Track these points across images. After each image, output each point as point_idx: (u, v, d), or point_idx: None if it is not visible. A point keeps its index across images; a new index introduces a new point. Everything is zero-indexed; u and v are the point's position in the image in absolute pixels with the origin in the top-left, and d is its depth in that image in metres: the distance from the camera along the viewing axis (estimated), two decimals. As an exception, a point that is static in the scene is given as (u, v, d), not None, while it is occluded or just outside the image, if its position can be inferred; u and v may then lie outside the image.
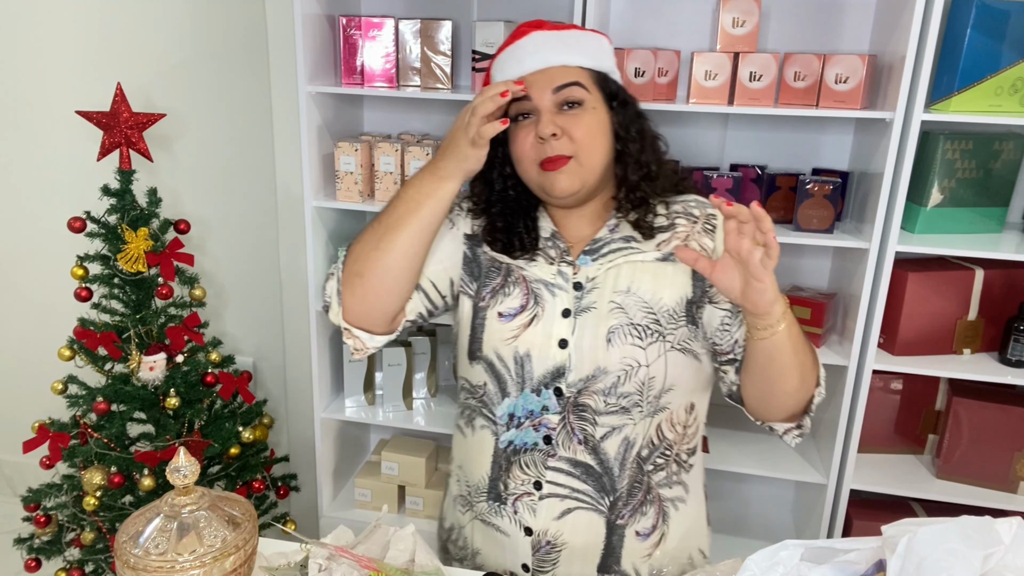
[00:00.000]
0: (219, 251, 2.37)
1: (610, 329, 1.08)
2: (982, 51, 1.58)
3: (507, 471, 1.14)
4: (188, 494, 0.89)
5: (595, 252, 1.13)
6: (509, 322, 1.12)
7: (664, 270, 1.11)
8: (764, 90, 1.69)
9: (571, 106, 1.08)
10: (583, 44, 1.11)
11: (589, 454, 1.11)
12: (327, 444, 2.11)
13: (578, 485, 1.11)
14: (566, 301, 1.11)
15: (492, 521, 1.17)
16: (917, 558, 0.71)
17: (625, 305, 1.09)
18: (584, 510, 1.12)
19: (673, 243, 1.12)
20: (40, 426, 1.87)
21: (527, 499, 1.13)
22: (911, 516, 1.84)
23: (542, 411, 1.11)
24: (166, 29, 2.20)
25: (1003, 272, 1.77)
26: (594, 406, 1.09)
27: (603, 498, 1.12)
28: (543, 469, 1.12)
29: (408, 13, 2.01)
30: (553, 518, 1.12)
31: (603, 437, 1.10)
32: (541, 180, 1.09)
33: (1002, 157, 1.73)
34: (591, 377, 1.09)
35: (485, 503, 1.18)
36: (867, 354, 1.74)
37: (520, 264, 1.14)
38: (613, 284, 1.11)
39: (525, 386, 1.12)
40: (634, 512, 1.13)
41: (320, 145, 1.91)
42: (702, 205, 1.16)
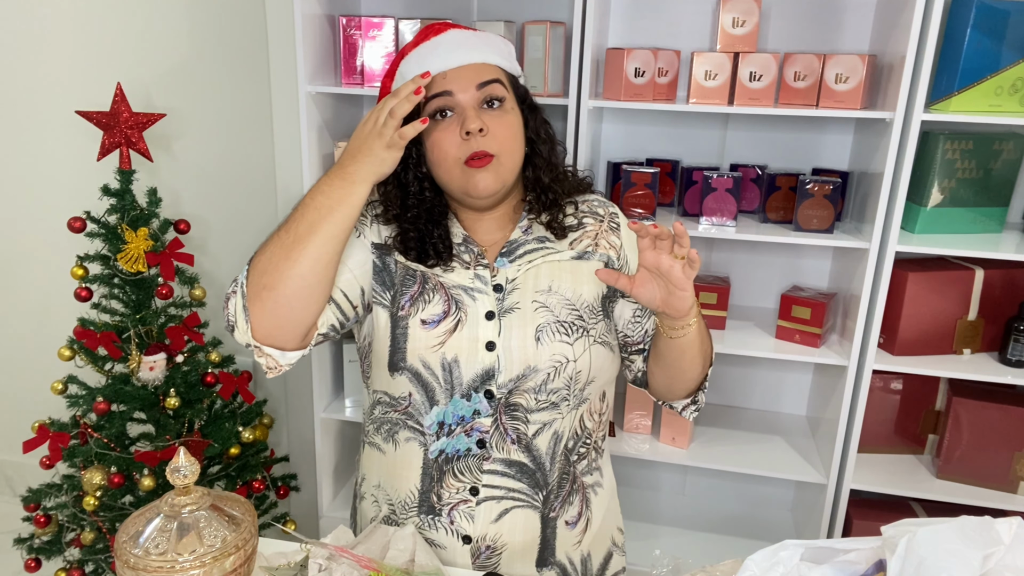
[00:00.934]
0: (219, 251, 2.37)
1: (538, 327, 1.09)
2: (982, 51, 1.58)
3: (439, 481, 1.13)
4: (188, 494, 0.89)
5: (512, 254, 1.14)
6: (433, 328, 1.10)
7: (581, 267, 1.15)
8: (764, 90, 1.69)
9: (491, 104, 1.08)
10: (496, 45, 1.13)
11: (523, 452, 1.11)
12: (327, 444, 2.11)
13: (513, 484, 1.12)
14: (488, 304, 1.11)
15: (427, 536, 1.15)
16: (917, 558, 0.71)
17: (549, 304, 1.11)
18: (520, 508, 1.13)
19: (584, 242, 1.16)
20: (40, 426, 1.87)
21: (463, 507, 1.12)
22: (911, 516, 1.84)
23: (473, 415, 1.10)
24: (166, 29, 2.20)
25: (1003, 272, 1.77)
26: (525, 404, 1.10)
27: (537, 493, 1.13)
28: (479, 474, 1.11)
29: (408, 13, 2.01)
30: (491, 521, 1.12)
31: (535, 434, 1.11)
32: (464, 179, 1.07)
33: (1002, 157, 1.73)
34: (521, 376, 1.09)
35: (417, 517, 1.15)
36: (867, 354, 1.74)
37: (436, 271, 1.13)
38: (534, 284, 1.12)
39: (454, 392, 1.10)
40: (564, 503, 1.16)
41: (320, 145, 1.91)
42: (604, 204, 1.21)
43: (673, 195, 2.00)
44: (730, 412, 2.17)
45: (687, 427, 1.95)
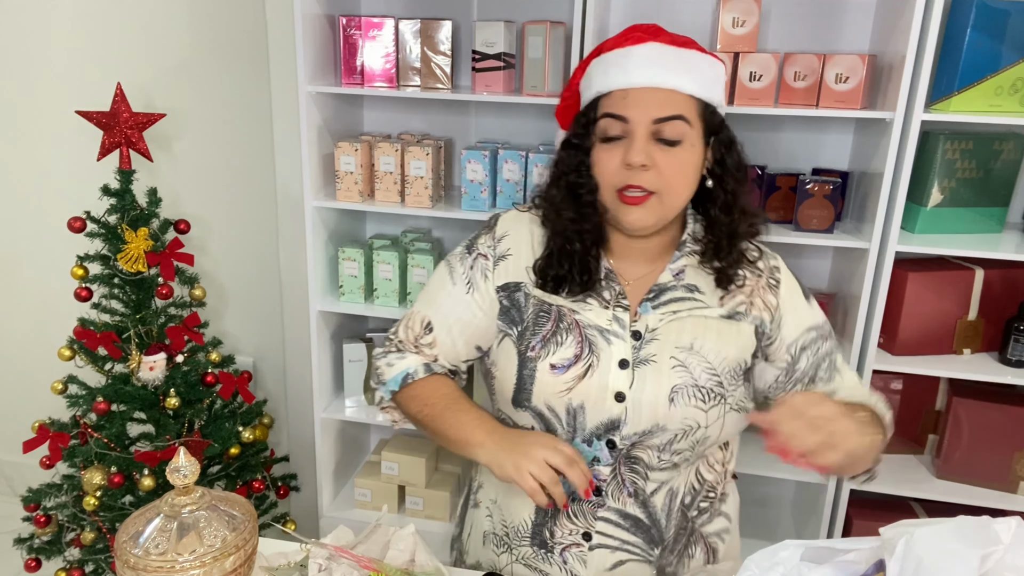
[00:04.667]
0: (219, 251, 2.37)
1: (673, 388, 1.02)
2: (982, 51, 1.58)
3: (554, 519, 1.09)
4: (188, 494, 0.89)
5: (656, 300, 1.06)
6: (563, 374, 1.04)
7: (728, 328, 1.04)
8: (764, 90, 1.69)
9: (669, 143, 0.99)
10: (699, 68, 1.01)
11: (638, 507, 1.07)
12: (327, 444, 2.11)
13: (628, 537, 1.08)
14: (623, 351, 1.04)
15: (539, 567, 1.12)
16: (915, 559, 0.71)
17: (688, 364, 1.02)
18: (635, 561, 1.08)
19: (737, 298, 1.05)
20: (40, 426, 1.87)
21: (576, 550, 1.08)
22: (911, 516, 1.84)
23: (593, 462, 1.06)
24: (166, 29, 2.20)
25: (1003, 272, 1.77)
26: (647, 460, 1.05)
27: (652, 549, 1.08)
28: (592, 520, 1.07)
29: (408, 13, 2.01)
30: (605, 569, 1.08)
31: (653, 492, 1.07)
32: (615, 208, 1.02)
33: (1002, 157, 1.73)
34: (647, 432, 1.03)
35: (529, 548, 1.12)
36: (867, 354, 1.74)
37: (572, 307, 1.06)
38: (676, 338, 1.03)
39: (576, 436, 1.06)
40: (680, 556, 1.10)
41: (320, 145, 1.91)
42: (766, 256, 1.09)
43: (673, 195, 2.00)
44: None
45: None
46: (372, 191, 1.94)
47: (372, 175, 1.92)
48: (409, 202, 1.88)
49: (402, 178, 1.89)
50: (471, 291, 1.11)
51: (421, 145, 1.87)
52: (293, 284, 2.24)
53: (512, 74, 1.84)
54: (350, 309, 2.00)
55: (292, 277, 2.24)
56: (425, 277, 1.95)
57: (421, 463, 2.10)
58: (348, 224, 2.13)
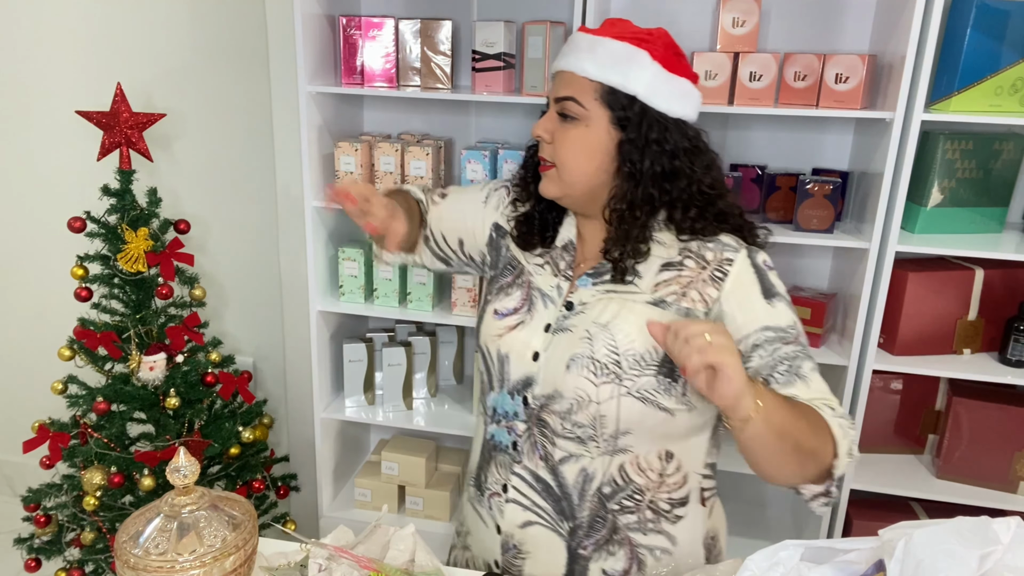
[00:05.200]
0: (219, 251, 2.37)
1: (572, 356, 1.06)
2: (982, 51, 1.58)
3: (488, 464, 1.18)
4: (188, 494, 0.89)
5: (596, 277, 1.10)
6: (500, 320, 1.15)
7: (650, 314, 1.05)
8: (764, 90, 1.69)
9: (567, 119, 1.08)
10: (606, 54, 1.04)
11: (549, 473, 1.11)
12: (327, 444, 2.11)
13: (538, 500, 1.12)
14: (551, 316, 1.11)
15: (476, 507, 1.21)
16: (915, 560, 0.71)
17: (595, 337, 1.05)
18: (544, 527, 1.12)
19: (672, 287, 1.06)
20: (40, 426, 1.87)
21: (496, 499, 1.16)
22: (911, 516, 1.84)
23: (513, 415, 1.13)
24: (166, 29, 2.20)
25: (1003, 272, 1.77)
26: (553, 425, 1.09)
27: (562, 521, 1.11)
28: (509, 473, 1.14)
29: (408, 13, 2.01)
30: (517, 525, 1.14)
31: (561, 460, 1.10)
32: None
33: (1002, 157, 1.73)
34: (550, 396, 1.09)
35: (473, 488, 1.22)
36: (867, 354, 1.74)
37: (532, 269, 1.16)
38: (597, 315, 1.07)
39: (504, 386, 1.14)
40: (599, 548, 1.10)
41: (320, 145, 1.91)
42: (723, 248, 1.06)
43: (673, 195, 2.00)
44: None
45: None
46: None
47: (372, 175, 1.92)
48: (409, 202, 1.88)
49: (402, 178, 1.89)
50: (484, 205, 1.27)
51: (421, 145, 1.87)
52: (293, 284, 2.24)
53: (512, 74, 1.84)
54: (350, 309, 2.00)
55: (292, 277, 2.24)
56: (426, 277, 1.95)
57: (421, 463, 2.10)
58: (348, 224, 2.13)
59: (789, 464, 0.95)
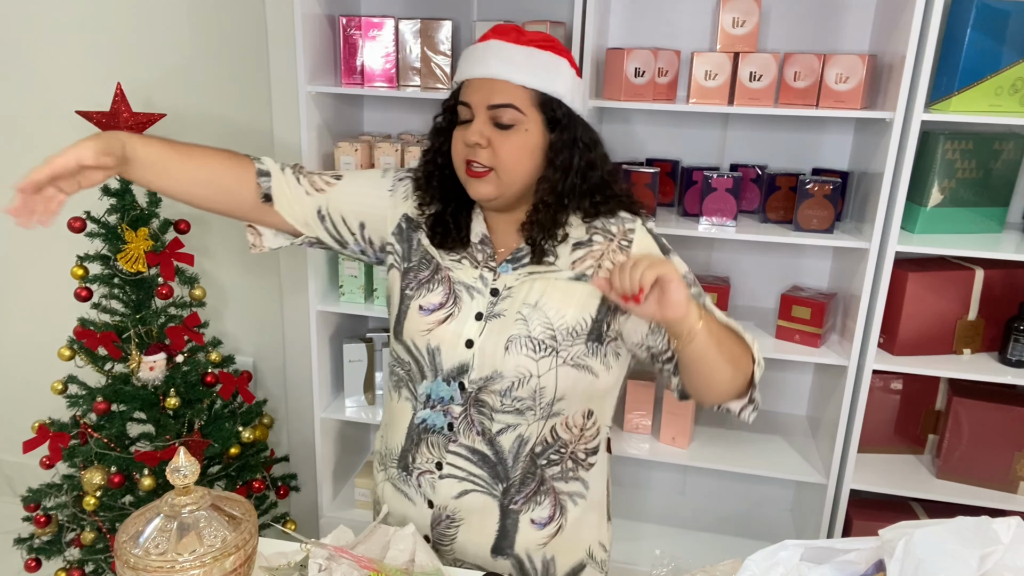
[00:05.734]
0: (219, 251, 2.37)
1: (509, 338, 1.14)
2: (982, 51, 1.58)
3: (416, 446, 1.22)
4: (188, 494, 0.89)
5: (516, 262, 1.18)
6: (427, 316, 1.19)
7: (574, 289, 1.16)
8: (764, 90, 1.69)
9: (500, 126, 1.11)
10: (537, 64, 1.13)
11: (486, 445, 1.18)
12: (327, 444, 2.11)
13: (474, 470, 1.19)
14: (481, 305, 1.17)
15: (401, 487, 1.25)
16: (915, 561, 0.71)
17: (528, 318, 1.14)
18: (479, 493, 1.19)
19: (587, 262, 1.17)
20: (40, 426, 1.87)
21: (428, 476, 1.21)
22: (911, 516, 1.84)
23: (449, 400, 1.18)
24: (166, 29, 2.20)
25: (1003, 272, 1.77)
26: (491, 403, 1.16)
27: (496, 484, 1.19)
28: (444, 452, 1.19)
29: (408, 13, 2.01)
30: (452, 497, 1.20)
31: (499, 432, 1.17)
32: (465, 182, 1.15)
33: (1002, 157, 1.73)
34: (489, 378, 1.15)
35: (395, 470, 1.26)
36: (867, 354, 1.74)
37: (448, 264, 1.20)
38: (525, 296, 1.16)
39: (438, 374, 1.18)
40: (528, 500, 1.20)
41: (320, 145, 1.91)
42: (624, 221, 1.20)
43: (673, 195, 2.00)
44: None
45: (687, 427, 1.95)
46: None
47: (372, 175, 1.92)
48: (409, 202, 1.88)
49: (402, 178, 1.89)
50: (392, 193, 1.26)
51: (421, 145, 1.86)
52: (293, 284, 2.24)
53: (512, 74, 1.83)
54: (350, 309, 2.00)
55: (292, 277, 2.24)
56: (425, 277, 1.95)
57: (421, 463, 2.10)
58: (348, 224, 2.13)
59: (726, 375, 1.11)
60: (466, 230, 1.21)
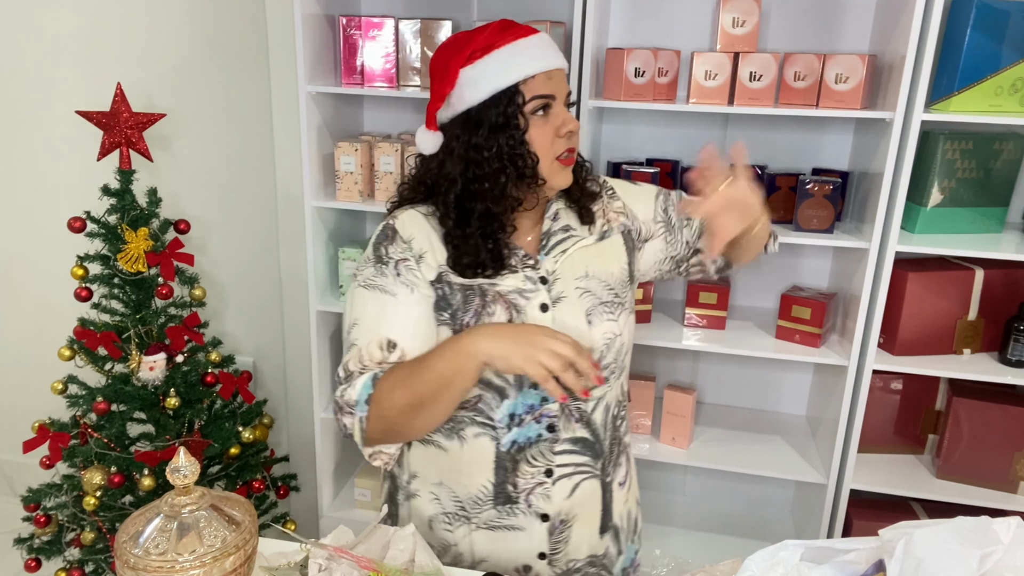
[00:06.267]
0: (219, 251, 2.37)
1: (587, 312, 1.17)
2: (982, 51, 1.58)
3: (514, 471, 1.16)
4: (188, 494, 0.89)
5: (547, 246, 1.20)
6: None
7: (604, 247, 1.23)
8: (764, 90, 1.69)
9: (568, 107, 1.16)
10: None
11: (584, 428, 1.18)
12: (327, 444, 2.11)
13: (580, 460, 1.18)
14: (540, 297, 1.16)
15: (502, 523, 1.18)
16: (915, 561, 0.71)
17: (591, 288, 1.18)
18: (587, 480, 1.19)
19: (598, 222, 1.24)
20: (40, 426, 1.87)
21: (539, 489, 1.17)
22: (911, 516, 1.84)
23: (541, 402, 1.15)
24: (166, 29, 2.20)
25: (1003, 272, 1.77)
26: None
27: (597, 463, 1.20)
28: (551, 456, 1.16)
29: (408, 13, 2.01)
30: (565, 498, 1.18)
31: (592, 409, 1.18)
32: (553, 174, 1.15)
33: (1002, 157, 1.73)
34: None
35: (492, 510, 1.17)
36: (867, 354, 1.74)
37: (491, 283, 1.14)
38: (571, 272, 1.18)
39: (524, 385, 1.14)
40: (615, 467, 1.24)
41: (320, 145, 1.91)
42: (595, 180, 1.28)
43: (673, 195, 2.00)
44: (730, 412, 2.17)
45: (687, 427, 1.95)
46: (372, 191, 1.94)
47: (372, 175, 1.92)
48: (409, 202, 1.88)
49: (402, 178, 1.89)
50: (414, 291, 1.14)
51: (421, 145, 1.86)
52: (293, 284, 2.24)
53: (512, 74, 1.83)
54: (350, 309, 1.99)
55: (292, 277, 2.24)
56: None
57: (421, 463, 2.10)
58: (348, 224, 2.13)
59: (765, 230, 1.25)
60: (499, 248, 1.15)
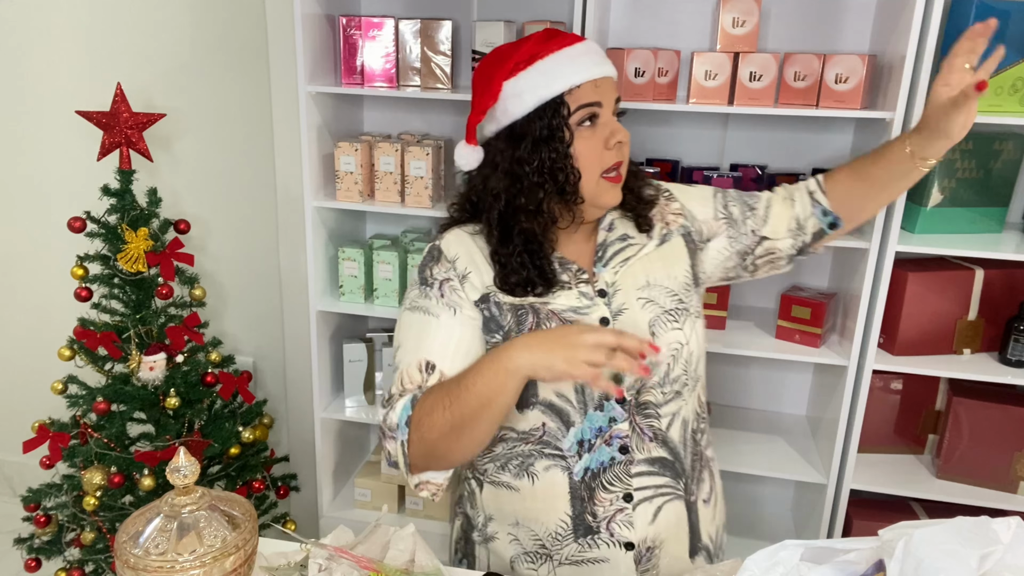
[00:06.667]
0: (219, 251, 2.37)
1: (650, 323, 1.11)
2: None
3: (591, 499, 1.11)
4: (188, 494, 0.89)
5: (604, 258, 1.15)
6: None
7: (665, 252, 1.18)
8: (764, 90, 1.69)
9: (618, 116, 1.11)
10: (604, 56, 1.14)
11: (661, 447, 1.12)
12: (327, 444, 2.11)
13: (660, 481, 1.12)
14: (600, 312, 1.11)
15: (586, 557, 1.12)
16: (915, 560, 0.71)
17: (653, 297, 1.13)
18: (670, 502, 1.13)
19: (656, 227, 1.19)
20: (40, 426, 1.87)
21: (620, 516, 1.11)
22: (911, 516, 1.84)
23: (610, 424, 1.09)
24: (166, 29, 2.20)
25: (1003, 272, 1.77)
26: (654, 400, 1.11)
27: (678, 483, 1.14)
28: (628, 479, 1.10)
29: (408, 13, 2.01)
30: (648, 523, 1.11)
31: (668, 427, 1.13)
32: (598, 192, 1.08)
33: (1002, 157, 1.73)
34: None
35: (574, 544, 1.12)
36: (867, 354, 1.74)
37: (543, 301, 1.10)
38: (632, 282, 1.14)
39: (588, 408, 1.09)
40: (698, 484, 1.17)
41: (320, 145, 1.91)
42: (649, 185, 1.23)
43: (673, 195, 2.00)
44: (730, 412, 2.17)
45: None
46: (372, 191, 1.94)
47: (372, 175, 1.92)
48: (409, 202, 1.88)
49: (402, 178, 1.89)
50: (457, 312, 1.11)
51: (421, 145, 1.87)
52: (293, 284, 2.24)
53: (512, 74, 1.83)
54: (350, 309, 2.00)
55: (292, 277, 2.24)
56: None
57: (421, 463, 2.10)
58: (348, 224, 2.13)
59: None
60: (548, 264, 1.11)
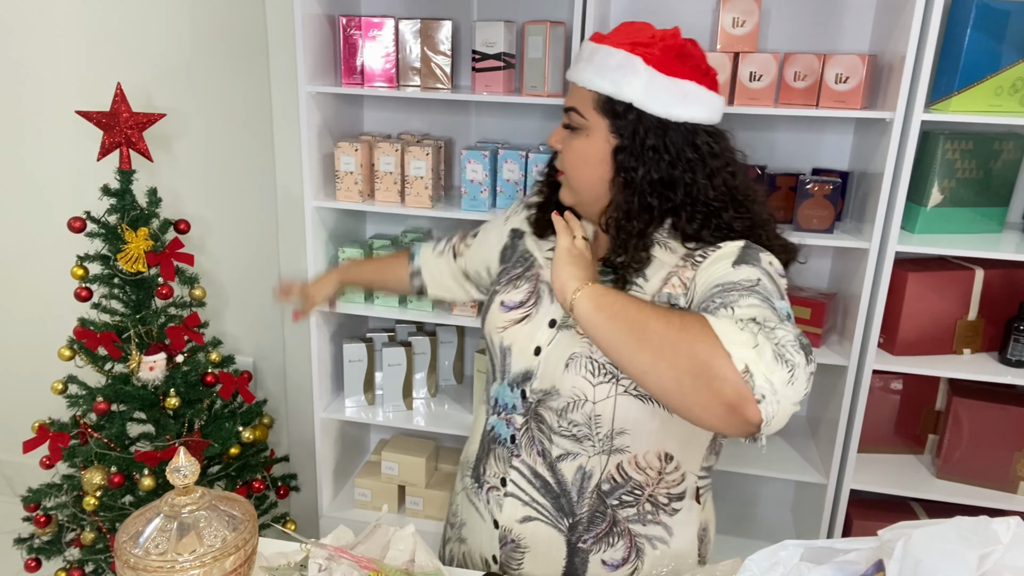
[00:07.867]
0: (219, 251, 2.37)
1: (571, 355, 1.05)
2: (982, 51, 1.57)
3: (487, 456, 1.18)
4: (188, 494, 0.89)
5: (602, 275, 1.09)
6: (506, 313, 1.15)
7: None
8: (764, 90, 1.69)
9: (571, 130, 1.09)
10: (607, 64, 1.04)
11: (547, 470, 1.10)
12: (327, 444, 2.11)
13: (537, 497, 1.12)
14: (556, 312, 1.11)
15: (472, 500, 1.20)
16: (914, 561, 0.71)
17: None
18: (544, 523, 1.12)
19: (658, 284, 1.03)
20: (40, 426, 1.87)
21: (494, 492, 1.16)
22: (911, 516, 1.84)
23: (512, 408, 1.13)
24: (166, 29, 2.20)
25: (1003, 272, 1.77)
26: (549, 422, 1.08)
27: (562, 518, 1.11)
28: (508, 467, 1.14)
29: (408, 13, 2.01)
30: (516, 520, 1.14)
31: (559, 458, 1.09)
32: None
33: (1002, 157, 1.73)
34: (548, 392, 1.08)
35: (470, 479, 1.21)
36: (867, 354, 1.74)
37: (542, 262, 1.17)
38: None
39: (505, 377, 1.14)
40: (599, 540, 1.11)
41: (320, 145, 1.91)
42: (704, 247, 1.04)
43: (673, 195, 2.00)
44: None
45: (687, 427, 1.95)
46: (372, 191, 1.94)
47: (372, 175, 1.92)
48: (409, 202, 1.88)
49: (402, 178, 1.89)
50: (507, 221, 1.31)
51: (421, 145, 1.87)
52: (293, 284, 2.24)
53: (512, 74, 1.84)
54: (350, 309, 2.00)
55: (292, 277, 2.24)
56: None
57: (421, 463, 2.10)
58: (348, 224, 2.13)
59: (640, 355, 0.86)
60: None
